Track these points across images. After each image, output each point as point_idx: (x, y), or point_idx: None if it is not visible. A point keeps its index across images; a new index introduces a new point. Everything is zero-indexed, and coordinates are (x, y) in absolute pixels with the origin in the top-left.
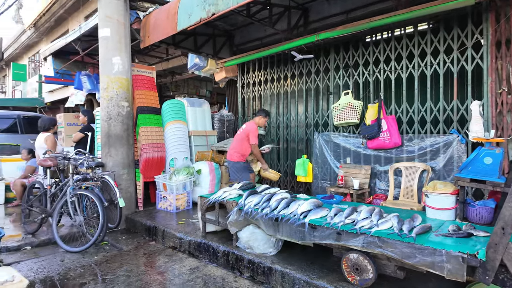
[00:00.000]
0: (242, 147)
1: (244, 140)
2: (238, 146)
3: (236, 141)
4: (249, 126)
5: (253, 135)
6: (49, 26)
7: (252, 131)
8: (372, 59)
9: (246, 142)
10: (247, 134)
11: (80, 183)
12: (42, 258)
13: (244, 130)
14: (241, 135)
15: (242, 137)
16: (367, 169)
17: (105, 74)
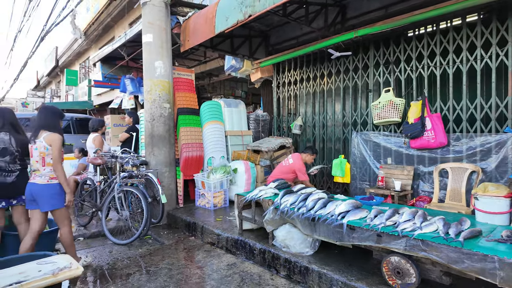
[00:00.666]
0: (285, 178)
1: (289, 173)
2: (280, 177)
3: (280, 172)
4: (297, 163)
5: (301, 172)
6: (97, 34)
7: (300, 169)
8: (415, 54)
9: (290, 175)
10: (293, 171)
11: (126, 180)
12: (93, 248)
13: (290, 165)
14: (286, 168)
15: (287, 171)
16: (410, 170)
17: (148, 77)
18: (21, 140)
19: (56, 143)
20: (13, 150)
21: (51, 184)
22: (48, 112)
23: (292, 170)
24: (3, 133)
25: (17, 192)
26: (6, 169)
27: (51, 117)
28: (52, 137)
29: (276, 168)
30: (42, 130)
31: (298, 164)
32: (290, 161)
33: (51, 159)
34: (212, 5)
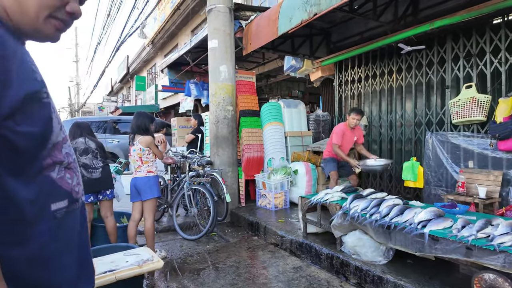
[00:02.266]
0: (328, 145)
1: (330, 139)
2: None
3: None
4: (336, 127)
5: (335, 135)
6: (163, 41)
7: (335, 131)
8: (505, 44)
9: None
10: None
11: (194, 179)
12: (166, 242)
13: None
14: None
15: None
16: (497, 175)
17: (213, 81)
18: (96, 142)
19: (151, 144)
20: (93, 148)
21: (149, 176)
22: (140, 117)
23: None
24: (81, 138)
25: (102, 187)
26: (91, 166)
27: (142, 122)
28: (144, 139)
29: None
30: (137, 134)
31: (336, 127)
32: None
33: (147, 158)
34: (275, 6)
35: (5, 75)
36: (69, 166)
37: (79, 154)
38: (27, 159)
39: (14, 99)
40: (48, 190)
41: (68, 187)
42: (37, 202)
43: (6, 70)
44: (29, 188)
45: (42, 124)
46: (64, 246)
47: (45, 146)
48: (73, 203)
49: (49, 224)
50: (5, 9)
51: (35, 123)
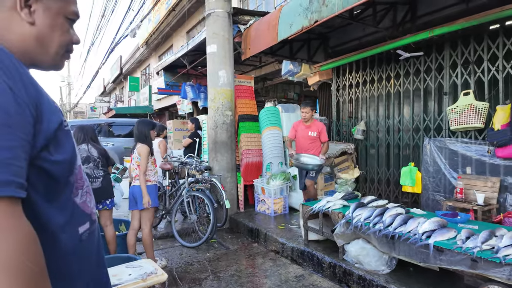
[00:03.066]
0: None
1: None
2: None
3: None
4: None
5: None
6: (157, 42)
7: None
8: (502, 52)
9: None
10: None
11: (193, 185)
12: (165, 250)
13: None
14: None
15: None
16: (495, 182)
17: (212, 86)
18: (99, 149)
19: (143, 154)
20: (95, 157)
21: (147, 185)
22: (139, 125)
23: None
24: (84, 145)
25: (102, 197)
26: (92, 176)
27: (142, 129)
28: (141, 148)
29: None
30: (137, 142)
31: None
32: None
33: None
34: (275, 11)
35: (39, 109)
36: (87, 189)
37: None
38: (60, 186)
39: (47, 131)
40: (76, 214)
41: (89, 210)
42: (69, 227)
43: (40, 103)
44: (62, 214)
45: (70, 151)
46: (87, 266)
47: (73, 171)
48: (92, 224)
49: (77, 247)
50: (29, 54)
51: (65, 151)
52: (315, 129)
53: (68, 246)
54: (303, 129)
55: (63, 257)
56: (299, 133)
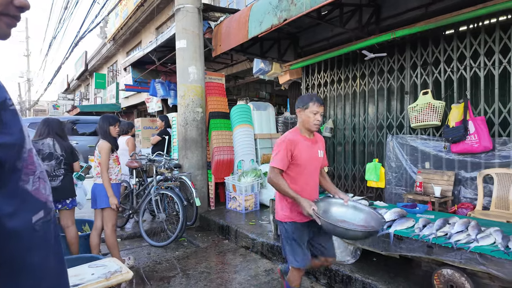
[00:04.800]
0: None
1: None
2: None
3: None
4: (280, 138)
5: (275, 152)
6: (125, 38)
7: (276, 145)
8: (456, 54)
9: None
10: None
11: (162, 183)
12: (132, 250)
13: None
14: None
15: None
16: (451, 175)
17: (182, 83)
18: (65, 145)
19: (103, 151)
20: (58, 154)
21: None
22: (101, 121)
23: None
24: (48, 139)
25: (62, 196)
26: (51, 174)
27: (102, 126)
28: (101, 145)
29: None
30: (100, 138)
31: (278, 140)
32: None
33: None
34: (245, 9)
35: None
36: (41, 174)
37: (41, 157)
38: (4, 172)
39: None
40: (28, 201)
41: (43, 198)
42: (19, 216)
43: None
44: (9, 202)
45: (17, 132)
46: (43, 258)
47: (21, 156)
48: (48, 213)
49: (30, 237)
50: None
51: (11, 133)
52: (322, 145)
53: (20, 236)
54: (309, 146)
55: (14, 247)
56: (303, 154)
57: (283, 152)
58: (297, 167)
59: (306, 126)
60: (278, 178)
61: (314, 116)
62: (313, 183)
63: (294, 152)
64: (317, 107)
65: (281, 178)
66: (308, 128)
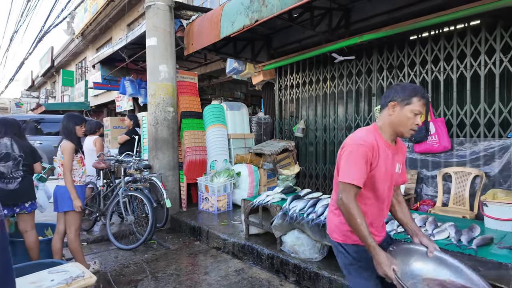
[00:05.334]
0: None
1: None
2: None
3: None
4: (350, 140)
5: (346, 161)
6: (95, 34)
7: (347, 151)
8: (419, 59)
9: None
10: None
11: (130, 184)
12: (99, 254)
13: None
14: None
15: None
16: (413, 174)
17: (152, 81)
18: (24, 145)
19: (66, 151)
20: (16, 155)
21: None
22: (65, 119)
23: None
24: (6, 139)
25: (20, 200)
26: (8, 176)
27: (66, 125)
28: (64, 145)
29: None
30: (63, 138)
31: (346, 144)
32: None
33: None
34: (217, 9)
35: None
36: None
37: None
38: None
39: None
40: None
41: None
42: None
43: None
44: None
45: None
46: None
47: None
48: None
49: None
50: None
51: None
52: (402, 157)
53: None
54: (388, 157)
55: None
56: (382, 168)
57: (362, 162)
58: (370, 187)
59: (398, 129)
60: (352, 203)
61: (415, 118)
62: (386, 211)
63: (373, 163)
64: (421, 106)
65: (357, 205)
66: (399, 132)
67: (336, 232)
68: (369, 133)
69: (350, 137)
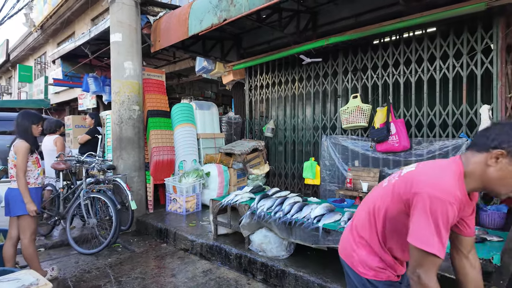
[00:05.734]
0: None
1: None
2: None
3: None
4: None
5: (424, 219)
6: (56, 28)
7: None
8: (381, 62)
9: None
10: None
11: (92, 186)
12: (57, 260)
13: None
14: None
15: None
16: (376, 172)
17: (117, 78)
18: None
19: (20, 151)
20: None
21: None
22: (20, 117)
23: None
24: None
25: None
26: None
27: (21, 123)
28: (18, 145)
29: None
30: (17, 137)
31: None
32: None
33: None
34: (185, 6)
35: None
36: None
37: None
38: None
39: None
40: None
41: None
42: None
43: None
44: None
45: None
46: None
47: None
48: None
49: None
50: None
51: None
52: (473, 211)
53: None
54: (467, 205)
55: None
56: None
57: (447, 226)
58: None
59: (494, 187)
60: (435, 285)
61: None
62: None
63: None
64: None
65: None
66: (493, 191)
67: (362, 266)
68: (455, 181)
69: (429, 179)
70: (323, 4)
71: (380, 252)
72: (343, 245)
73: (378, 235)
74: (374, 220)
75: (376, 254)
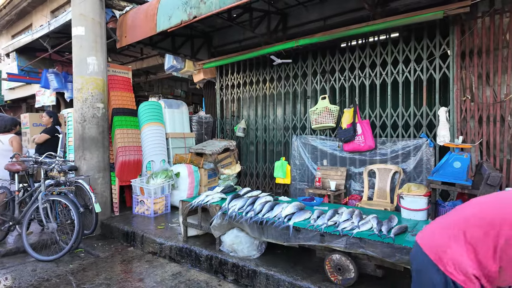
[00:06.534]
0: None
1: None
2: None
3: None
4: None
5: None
6: (10, 19)
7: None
8: (348, 65)
9: None
10: None
11: (52, 188)
12: (12, 268)
13: None
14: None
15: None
16: (343, 171)
17: (79, 74)
18: None
19: None
20: None
21: None
22: None
23: None
24: None
25: None
26: None
27: None
28: None
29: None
30: None
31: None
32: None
33: None
34: (154, 1)
35: None
36: None
37: None
38: None
39: None
40: None
41: None
42: None
43: None
44: None
45: None
46: None
47: None
48: None
49: None
50: None
51: None
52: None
53: None
54: None
55: None
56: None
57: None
58: None
59: None
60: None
61: None
62: None
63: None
64: None
65: None
66: None
67: (457, 272)
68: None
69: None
70: (293, 6)
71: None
72: (435, 241)
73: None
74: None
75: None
